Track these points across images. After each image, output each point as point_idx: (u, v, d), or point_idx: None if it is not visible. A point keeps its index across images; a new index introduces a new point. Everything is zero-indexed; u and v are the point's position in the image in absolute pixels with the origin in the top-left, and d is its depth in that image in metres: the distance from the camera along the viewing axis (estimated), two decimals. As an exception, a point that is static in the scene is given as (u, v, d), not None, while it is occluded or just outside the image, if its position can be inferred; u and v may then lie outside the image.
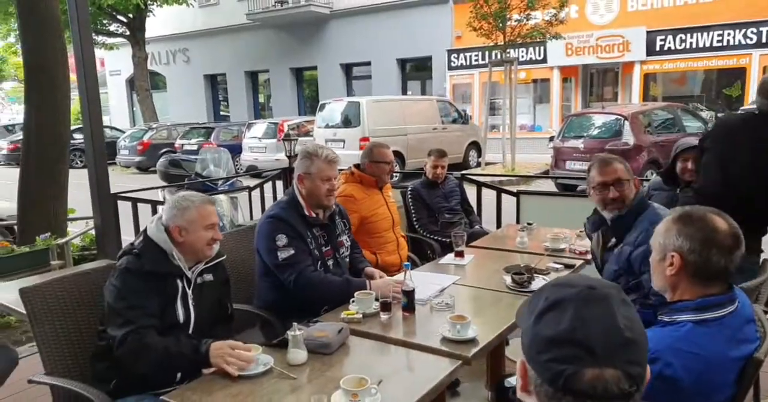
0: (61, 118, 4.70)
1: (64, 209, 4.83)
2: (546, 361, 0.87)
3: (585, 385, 0.84)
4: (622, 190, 2.40)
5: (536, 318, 0.91)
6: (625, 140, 9.27)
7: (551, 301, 0.91)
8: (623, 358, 0.86)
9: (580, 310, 0.88)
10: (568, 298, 0.90)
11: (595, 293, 0.90)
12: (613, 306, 0.89)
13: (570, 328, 0.87)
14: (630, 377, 0.85)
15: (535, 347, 0.89)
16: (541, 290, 0.96)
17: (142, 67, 19.42)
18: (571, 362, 0.85)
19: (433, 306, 2.38)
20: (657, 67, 15.01)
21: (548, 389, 0.87)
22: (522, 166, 12.76)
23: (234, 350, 1.90)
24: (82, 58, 3.78)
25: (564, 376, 0.85)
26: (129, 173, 16.16)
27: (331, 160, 2.68)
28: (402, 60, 18.80)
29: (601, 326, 0.87)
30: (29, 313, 2.12)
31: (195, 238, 2.11)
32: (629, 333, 0.87)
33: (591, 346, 0.85)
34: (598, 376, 0.84)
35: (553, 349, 0.87)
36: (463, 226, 4.10)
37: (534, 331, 0.91)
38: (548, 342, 0.88)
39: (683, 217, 1.49)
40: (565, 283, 0.94)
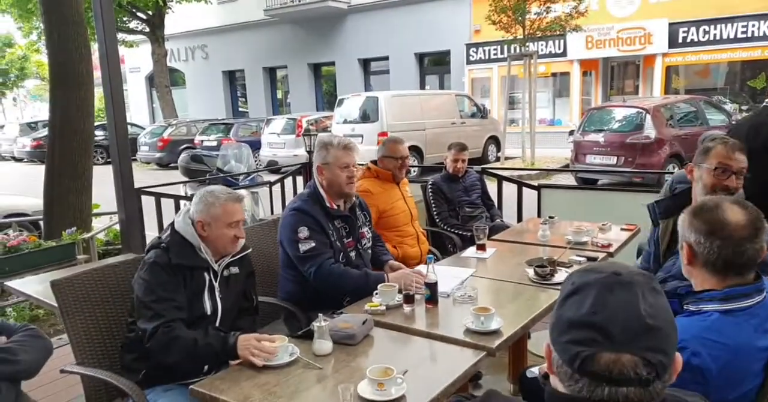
0: (85, 114, 4.78)
1: (89, 204, 4.92)
2: (565, 343, 0.89)
3: (600, 368, 0.86)
4: (740, 184, 2.18)
5: (561, 301, 0.94)
6: (647, 134, 9.15)
7: (576, 285, 0.93)
8: (642, 344, 0.86)
9: (603, 294, 0.89)
10: (592, 282, 0.92)
11: (620, 279, 0.91)
12: (638, 293, 0.90)
13: (590, 311, 0.88)
14: (649, 364, 0.86)
15: (557, 329, 0.92)
16: (571, 275, 0.98)
17: (162, 64, 19.63)
18: (588, 345, 0.87)
19: (455, 298, 2.38)
20: (679, 59, 14.75)
21: (567, 370, 0.89)
22: (541, 161, 12.67)
23: (260, 342, 1.92)
24: (106, 54, 3.83)
25: (580, 358, 0.86)
26: (149, 169, 16.37)
27: (347, 146, 2.69)
28: (420, 54, 18.73)
29: (621, 312, 0.87)
30: (60, 304, 2.16)
31: (218, 235, 2.13)
32: (651, 320, 0.87)
33: (609, 330, 0.86)
34: (615, 361, 0.85)
35: (572, 331, 0.89)
36: (484, 220, 4.09)
37: (558, 313, 0.93)
38: (569, 324, 0.90)
39: (696, 209, 1.49)
40: (593, 268, 0.96)
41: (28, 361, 1.58)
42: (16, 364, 1.54)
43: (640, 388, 0.86)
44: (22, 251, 3.60)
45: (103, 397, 2.19)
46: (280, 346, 1.91)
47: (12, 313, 4.00)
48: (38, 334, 1.70)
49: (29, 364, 1.59)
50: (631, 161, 9.08)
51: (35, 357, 1.62)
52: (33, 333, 1.68)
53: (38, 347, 1.65)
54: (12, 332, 1.67)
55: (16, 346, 1.58)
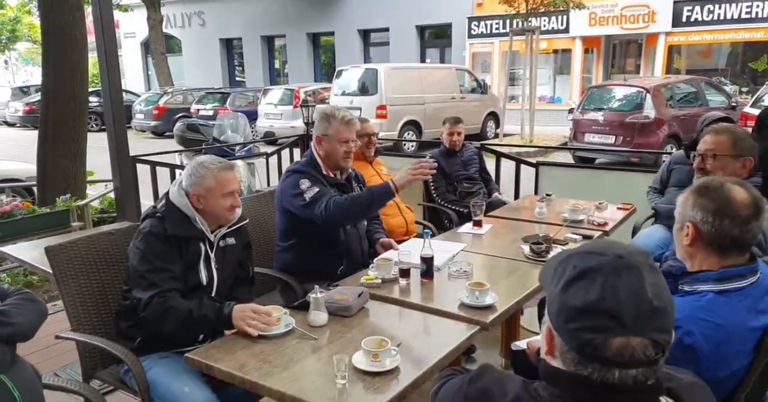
0: (78, 79, 4.70)
1: (83, 171, 4.88)
2: (574, 330, 0.88)
3: (612, 353, 0.86)
4: (703, 164, 2.44)
5: (564, 286, 0.91)
6: (646, 113, 9.10)
7: (580, 269, 0.91)
8: (651, 326, 0.87)
9: (610, 279, 0.89)
10: (598, 267, 0.90)
11: (624, 262, 0.91)
12: (643, 275, 0.90)
13: (600, 297, 0.87)
14: (657, 345, 0.87)
15: (563, 316, 0.90)
16: (569, 257, 0.96)
17: (157, 30, 19.27)
18: (600, 331, 0.87)
19: (450, 273, 2.39)
20: (682, 39, 14.60)
21: (575, 356, 0.89)
22: (540, 138, 12.62)
23: (256, 313, 1.92)
24: (100, 18, 3.74)
25: (592, 345, 0.87)
26: (144, 137, 16.22)
27: (349, 121, 2.68)
28: (421, 27, 18.45)
29: (630, 296, 0.87)
30: (55, 271, 2.16)
31: (213, 206, 2.11)
32: (657, 301, 0.88)
33: (620, 315, 0.86)
34: (626, 345, 0.86)
35: (582, 319, 0.88)
36: (482, 196, 4.09)
37: (562, 299, 0.91)
38: (577, 311, 0.89)
39: (700, 188, 1.49)
40: (594, 250, 0.94)
41: (22, 324, 1.57)
42: (11, 326, 1.53)
43: (648, 368, 0.88)
44: (16, 217, 3.57)
45: (98, 363, 2.21)
46: (275, 316, 1.92)
47: (6, 278, 4.00)
48: (32, 297, 1.69)
49: (24, 326, 1.58)
50: (629, 141, 9.06)
51: (30, 320, 1.61)
52: (27, 296, 1.68)
53: (33, 310, 1.64)
54: (6, 296, 1.66)
55: (12, 309, 1.58)
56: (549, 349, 0.96)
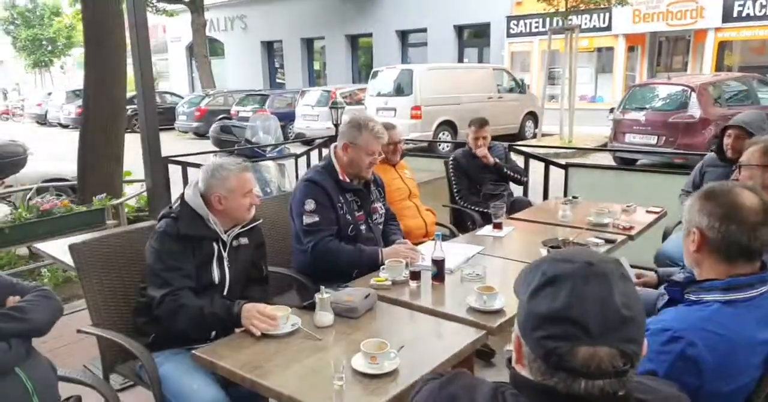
0: (117, 83, 4.87)
1: (120, 171, 5.05)
2: (540, 338, 0.86)
3: (578, 363, 0.84)
4: (737, 176, 2.49)
5: (532, 293, 0.90)
6: (691, 113, 8.76)
7: (548, 276, 0.89)
8: (619, 336, 0.84)
9: (577, 287, 0.86)
10: (566, 274, 0.88)
11: (594, 269, 0.88)
12: (612, 283, 0.87)
13: (566, 305, 0.85)
14: (625, 355, 0.84)
15: (529, 323, 0.88)
16: (539, 264, 0.94)
17: (201, 34, 19.77)
18: (566, 340, 0.84)
19: (463, 276, 2.36)
20: (733, 34, 13.98)
21: (541, 365, 0.87)
22: (580, 139, 12.34)
23: (261, 314, 1.95)
24: (135, 23, 3.87)
25: (557, 354, 0.84)
26: (186, 139, 16.66)
27: (379, 135, 2.70)
28: (459, 27, 18.30)
29: (597, 304, 0.85)
30: (78, 266, 2.25)
31: (235, 206, 2.16)
32: (626, 311, 0.85)
33: (586, 324, 0.84)
34: (592, 355, 0.83)
35: (548, 327, 0.86)
36: (505, 198, 4.02)
37: (529, 306, 0.89)
38: (543, 319, 0.87)
39: (707, 193, 1.43)
40: (564, 258, 0.92)
41: (37, 320, 1.66)
42: (26, 322, 1.62)
43: (615, 380, 0.85)
44: (54, 215, 3.73)
45: (117, 357, 2.28)
46: (281, 316, 1.94)
47: (47, 273, 4.18)
48: (49, 294, 1.77)
49: (39, 322, 1.66)
50: (672, 141, 8.74)
51: (45, 316, 1.69)
52: (44, 294, 1.76)
53: (48, 307, 1.72)
54: (25, 293, 1.74)
55: (28, 306, 1.66)
56: (518, 357, 0.93)
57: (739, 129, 3.28)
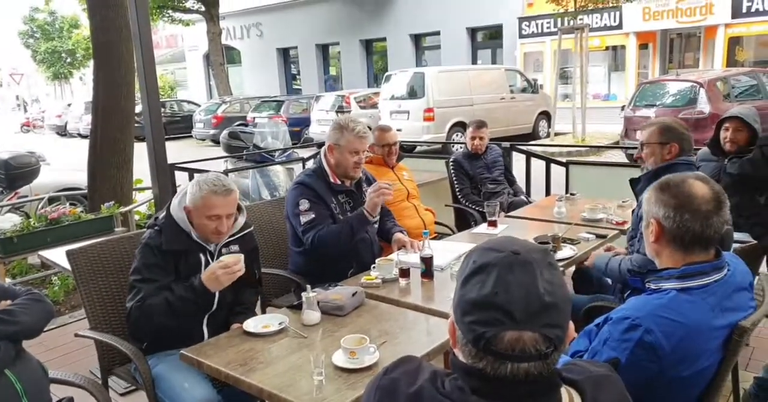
0: (125, 93, 4.98)
1: (130, 179, 5.16)
2: (469, 323, 0.90)
3: (504, 347, 0.88)
4: (640, 153, 2.57)
5: (463, 280, 0.94)
6: (700, 109, 8.67)
7: (478, 264, 0.94)
8: (541, 321, 0.88)
9: (503, 275, 0.90)
10: (493, 262, 0.92)
11: (519, 258, 0.92)
12: (536, 271, 0.91)
13: (492, 292, 0.89)
14: (547, 339, 0.88)
15: (460, 309, 0.93)
16: (471, 253, 0.98)
17: (217, 42, 20.06)
18: (493, 325, 0.88)
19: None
20: (743, 30, 13.79)
21: (471, 349, 0.91)
22: (593, 137, 12.24)
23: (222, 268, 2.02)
24: (138, 33, 3.97)
25: (485, 338, 0.88)
26: (203, 146, 16.89)
27: (361, 135, 2.74)
28: (472, 29, 18.31)
29: (522, 291, 0.89)
30: (75, 272, 2.31)
31: (199, 224, 2.12)
32: (549, 297, 0.89)
33: (511, 310, 0.88)
34: (517, 339, 0.88)
35: (476, 312, 0.90)
36: (506, 197, 4.05)
37: (460, 293, 0.94)
38: (472, 305, 0.91)
39: (662, 185, 1.48)
40: (493, 247, 0.96)
41: (27, 323, 1.70)
42: (15, 324, 1.66)
43: (540, 362, 0.89)
44: (62, 224, 3.83)
45: (115, 360, 2.34)
46: (239, 259, 2.05)
47: (57, 281, 4.29)
48: (39, 298, 1.83)
49: (28, 325, 1.71)
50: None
51: (35, 319, 1.74)
52: (35, 297, 1.82)
53: (39, 310, 1.78)
54: (16, 296, 1.80)
55: (17, 309, 1.71)
56: (453, 341, 0.98)
57: (738, 121, 3.26)
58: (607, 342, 1.37)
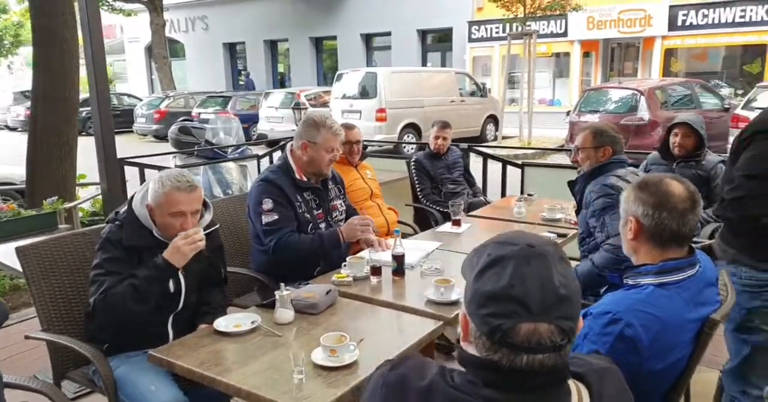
0: (69, 82, 4.73)
1: (73, 174, 4.90)
2: (485, 316, 0.90)
3: (520, 339, 0.89)
4: (576, 157, 2.73)
5: (477, 274, 0.94)
6: (641, 115, 9.11)
7: (492, 257, 0.94)
8: (557, 313, 0.90)
9: (520, 267, 0.91)
10: (509, 255, 0.93)
11: (534, 251, 0.93)
12: (551, 264, 0.92)
13: (508, 284, 0.90)
14: (562, 331, 0.90)
15: (475, 302, 0.93)
16: (484, 247, 0.98)
17: (160, 35, 19.38)
18: (509, 317, 0.89)
19: (423, 271, 2.40)
20: (678, 42, 14.64)
21: (486, 341, 0.91)
22: (539, 141, 12.63)
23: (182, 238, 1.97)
24: (88, 22, 3.77)
25: (501, 330, 0.89)
26: (145, 141, 16.29)
27: (338, 132, 2.71)
28: (423, 31, 18.50)
29: (538, 283, 0.90)
30: (25, 270, 2.16)
31: (162, 223, 2.04)
32: (564, 290, 0.91)
33: (527, 302, 0.89)
34: (533, 331, 0.89)
35: (492, 305, 0.90)
36: (466, 197, 4.11)
37: (475, 286, 0.94)
38: (488, 297, 0.91)
39: (641, 184, 1.54)
40: (507, 240, 0.97)
41: None
42: None
43: (554, 354, 0.90)
44: (0, 220, 3.60)
45: (69, 364, 2.21)
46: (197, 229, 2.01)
47: (-8, 280, 4.03)
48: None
49: None
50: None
51: None
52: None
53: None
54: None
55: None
56: (465, 335, 0.98)
57: (686, 127, 3.43)
58: (587, 336, 1.41)
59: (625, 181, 2.48)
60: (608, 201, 2.41)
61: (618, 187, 2.44)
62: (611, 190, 2.44)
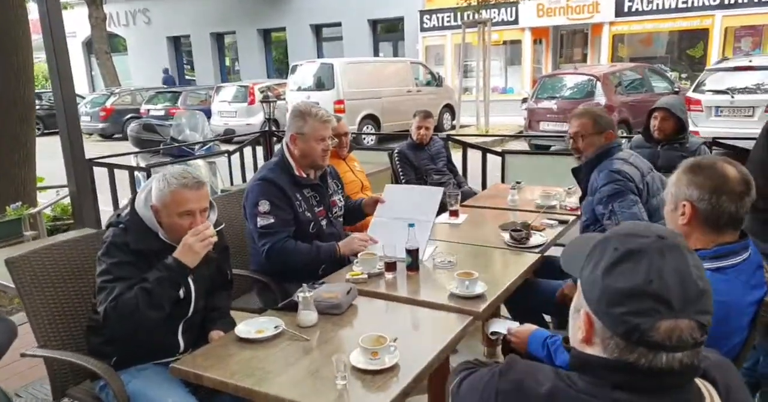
0: (24, 81, 4.42)
1: (33, 177, 4.60)
2: (621, 315, 0.86)
3: (660, 337, 0.84)
4: (576, 145, 2.66)
5: (606, 269, 0.89)
6: (597, 100, 9.32)
7: (623, 251, 0.89)
8: (696, 308, 0.86)
9: (655, 261, 0.86)
10: (642, 248, 0.88)
11: (668, 243, 0.89)
12: (686, 255, 0.88)
13: (646, 280, 0.85)
14: (702, 326, 0.87)
15: (605, 299, 0.88)
16: (606, 240, 0.93)
17: (101, 29, 18.49)
18: (648, 315, 0.84)
19: (436, 264, 2.37)
20: (625, 28, 15.10)
21: (620, 342, 0.86)
22: (495, 128, 12.76)
23: (193, 235, 1.88)
24: (47, 14, 3.55)
25: (640, 330, 0.84)
26: (92, 141, 15.56)
27: (325, 119, 2.59)
28: (373, 21, 18.38)
29: (676, 278, 0.86)
30: (17, 284, 2.01)
31: (169, 223, 1.93)
32: (701, 283, 0.88)
33: (668, 298, 0.84)
34: (674, 328, 0.84)
35: (628, 303, 0.85)
36: (452, 187, 4.09)
37: (605, 283, 0.88)
38: (623, 295, 0.86)
39: (693, 167, 1.51)
40: (633, 232, 0.92)
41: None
42: None
43: (692, 351, 0.87)
44: (-38, 228, 3.35)
45: (69, 379, 2.07)
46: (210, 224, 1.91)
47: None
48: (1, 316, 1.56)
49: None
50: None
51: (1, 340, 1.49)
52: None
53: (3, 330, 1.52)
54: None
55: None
56: (587, 336, 0.92)
57: (665, 111, 3.51)
58: None
59: (630, 165, 2.49)
60: (616, 187, 2.41)
61: (624, 172, 2.45)
62: (618, 175, 2.44)
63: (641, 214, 2.37)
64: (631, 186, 2.41)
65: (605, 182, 2.45)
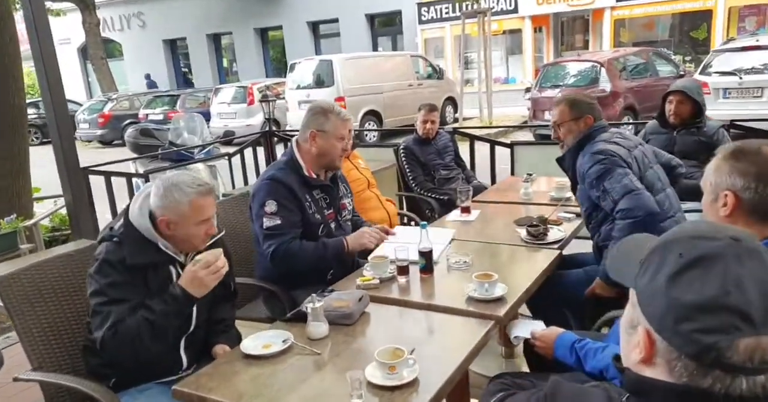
0: (14, 89, 4.30)
1: (28, 188, 4.48)
2: (691, 332, 0.71)
3: (740, 358, 0.70)
4: (558, 134, 2.52)
5: (671, 279, 0.74)
6: (602, 87, 9.16)
7: (689, 258, 0.74)
8: None
9: (731, 268, 0.72)
10: (714, 254, 0.74)
11: (744, 246, 0.74)
12: (766, 261, 0.73)
13: (722, 291, 0.71)
14: None
15: (672, 315, 0.73)
16: (667, 244, 0.79)
17: (95, 34, 18.35)
18: (726, 332, 0.70)
19: (450, 265, 2.23)
20: (626, 12, 14.86)
21: (689, 363, 0.72)
22: (499, 120, 12.60)
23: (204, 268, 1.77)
24: (33, 21, 3.42)
25: (715, 349, 0.70)
26: (91, 148, 15.48)
27: (346, 119, 2.50)
28: (371, 15, 18.19)
29: (759, 288, 0.71)
30: (7, 304, 1.88)
31: (185, 234, 1.83)
32: None
33: (748, 311, 0.70)
34: (756, 347, 0.70)
35: (701, 318, 0.71)
36: (461, 182, 3.95)
37: (670, 295, 0.74)
38: (693, 309, 0.72)
39: (735, 153, 1.37)
40: (701, 234, 0.77)
41: None
42: None
43: None
44: (-44, 244, 3.23)
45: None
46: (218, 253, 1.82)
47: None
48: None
49: None
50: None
51: None
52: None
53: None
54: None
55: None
56: (648, 356, 0.78)
57: (681, 94, 3.36)
58: None
59: (613, 143, 2.33)
60: (602, 167, 2.26)
61: (608, 150, 2.29)
62: (601, 155, 2.28)
63: (634, 184, 2.22)
64: (617, 160, 2.26)
65: (590, 165, 2.30)
